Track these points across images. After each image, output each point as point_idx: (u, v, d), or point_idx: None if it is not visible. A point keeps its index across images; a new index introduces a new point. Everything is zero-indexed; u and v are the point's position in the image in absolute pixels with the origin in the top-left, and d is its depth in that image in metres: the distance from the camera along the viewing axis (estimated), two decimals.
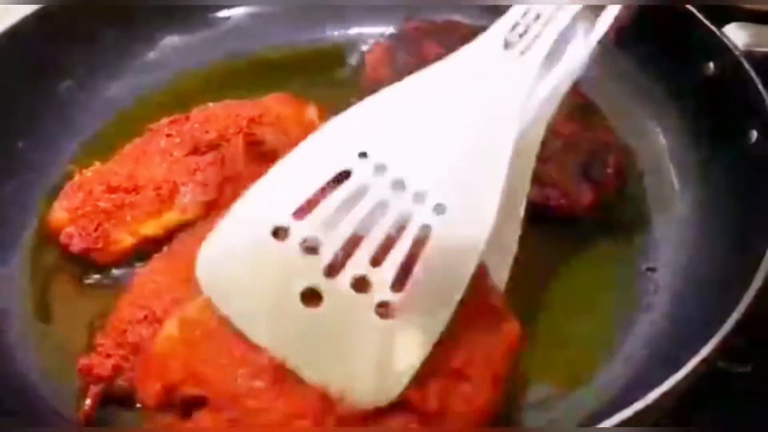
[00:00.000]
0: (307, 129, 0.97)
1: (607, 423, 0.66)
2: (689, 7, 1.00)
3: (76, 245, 0.89)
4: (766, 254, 0.75)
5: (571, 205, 0.92)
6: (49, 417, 0.79)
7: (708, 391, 0.85)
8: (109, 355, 0.78)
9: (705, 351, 0.70)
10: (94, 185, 0.92)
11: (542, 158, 0.91)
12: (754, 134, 0.88)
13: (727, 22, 0.98)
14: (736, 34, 0.97)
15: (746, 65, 0.92)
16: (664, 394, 0.67)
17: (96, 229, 0.89)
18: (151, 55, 1.16)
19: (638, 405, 0.66)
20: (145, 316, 0.78)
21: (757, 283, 0.73)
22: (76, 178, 0.95)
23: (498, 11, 1.13)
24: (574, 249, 0.92)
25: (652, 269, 0.90)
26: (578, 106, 0.98)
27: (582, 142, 0.94)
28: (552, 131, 0.95)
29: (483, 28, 1.08)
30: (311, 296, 0.65)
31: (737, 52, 0.94)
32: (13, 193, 0.98)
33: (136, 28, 1.14)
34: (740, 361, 0.94)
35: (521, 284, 0.80)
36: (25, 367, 0.84)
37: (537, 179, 0.92)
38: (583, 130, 0.97)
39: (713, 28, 0.97)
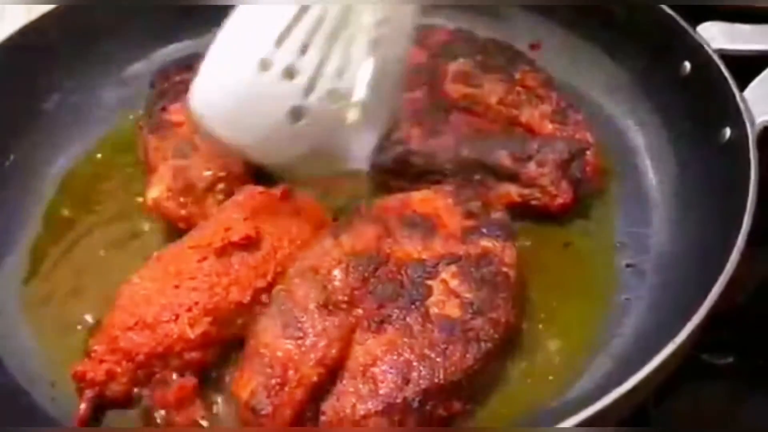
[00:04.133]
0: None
1: (576, 418, 0.68)
2: (664, 6, 1.02)
3: None
4: (734, 251, 0.77)
5: (550, 203, 0.94)
6: (43, 422, 0.82)
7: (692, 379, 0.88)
8: (102, 361, 0.80)
9: (666, 351, 0.72)
10: None
11: (522, 158, 0.95)
12: (728, 132, 0.90)
13: (702, 21, 1.00)
14: (711, 33, 0.98)
15: (720, 64, 0.94)
16: (630, 391, 0.70)
17: None
18: (138, 66, 1.17)
19: (598, 405, 0.69)
20: (136, 323, 0.80)
21: (724, 279, 0.75)
22: None
23: (476, 11, 1.17)
24: (553, 247, 0.94)
25: (631, 265, 0.92)
26: (557, 106, 1.01)
27: (561, 142, 0.96)
28: (531, 130, 0.99)
29: (463, 30, 1.12)
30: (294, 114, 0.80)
31: (711, 51, 0.95)
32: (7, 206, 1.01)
33: (124, 42, 1.15)
34: (723, 353, 0.97)
35: None
36: (17, 373, 0.86)
37: (518, 179, 0.95)
38: (561, 129, 0.99)
39: (688, 27, 0.99)
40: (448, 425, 0.78)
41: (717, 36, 0.98)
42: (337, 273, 0.82)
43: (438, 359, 0.77)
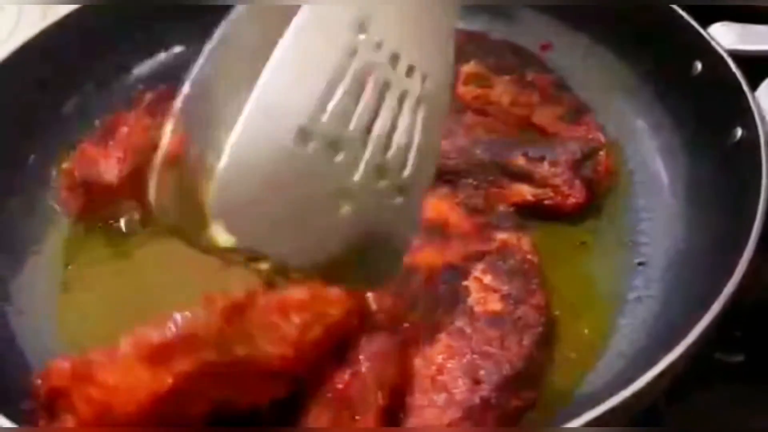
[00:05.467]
0: None
1: (586, 417, 0.68)
2: (675, 7, 1.02)
3: None
4: (746, 250, 0.78)
5: (563, 203, 0.95)
6: None
7: (703, 378, 0.89)
8: None
9: (678, 351, 0.72)
10: None
11: (535, 158, 0.96)
12: (739, 132, 0.91)
13: (713, 21, 1.00)
14: (722, 34, 0.99)
15: (731, 64, 0.94)
16: (641, 391, 0.70)
17: None
18: (156, 67, 1.17)
19: (608, 404, 0.69)
20: None
21: (736, 278, 0.76)
22: None
23: (490, 12, 1.18)
24: (565, 246, 0.95)
25: (643, 263, 0.93)
26: (569, 106, 1.02)
27: (573, 142, 0.97)
28: (543, 131, 1.00)
29: (475, 33, 1.13)
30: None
31: (722, 51, 0.96)
32: (23, 207, 1.02)
33: (142, 41, 1.16)
34: (735, 351, 0.98)
35: None
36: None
37: (531, 179, 0.96)
38: (574, 130, 1.00)
39: (699, 28, 0.99)
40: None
41: (728, 36, 0.98)
42: (369, 295, 0.81)
43: (499, 353, 0.78)
